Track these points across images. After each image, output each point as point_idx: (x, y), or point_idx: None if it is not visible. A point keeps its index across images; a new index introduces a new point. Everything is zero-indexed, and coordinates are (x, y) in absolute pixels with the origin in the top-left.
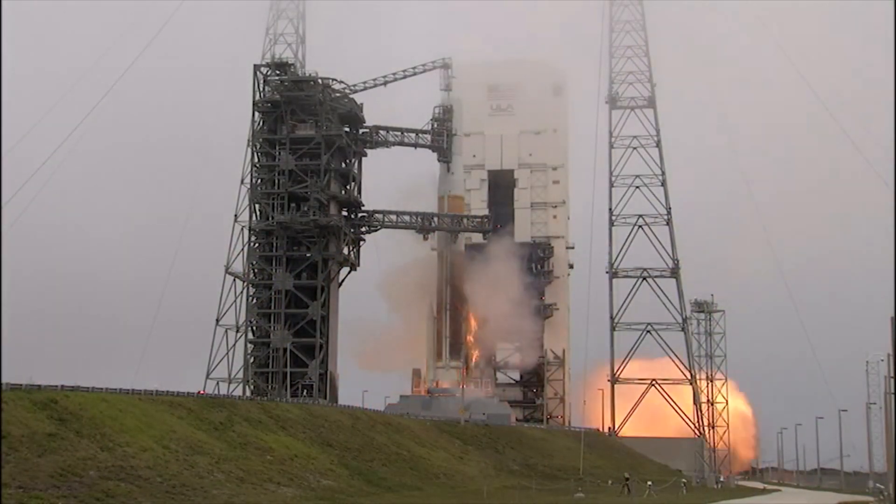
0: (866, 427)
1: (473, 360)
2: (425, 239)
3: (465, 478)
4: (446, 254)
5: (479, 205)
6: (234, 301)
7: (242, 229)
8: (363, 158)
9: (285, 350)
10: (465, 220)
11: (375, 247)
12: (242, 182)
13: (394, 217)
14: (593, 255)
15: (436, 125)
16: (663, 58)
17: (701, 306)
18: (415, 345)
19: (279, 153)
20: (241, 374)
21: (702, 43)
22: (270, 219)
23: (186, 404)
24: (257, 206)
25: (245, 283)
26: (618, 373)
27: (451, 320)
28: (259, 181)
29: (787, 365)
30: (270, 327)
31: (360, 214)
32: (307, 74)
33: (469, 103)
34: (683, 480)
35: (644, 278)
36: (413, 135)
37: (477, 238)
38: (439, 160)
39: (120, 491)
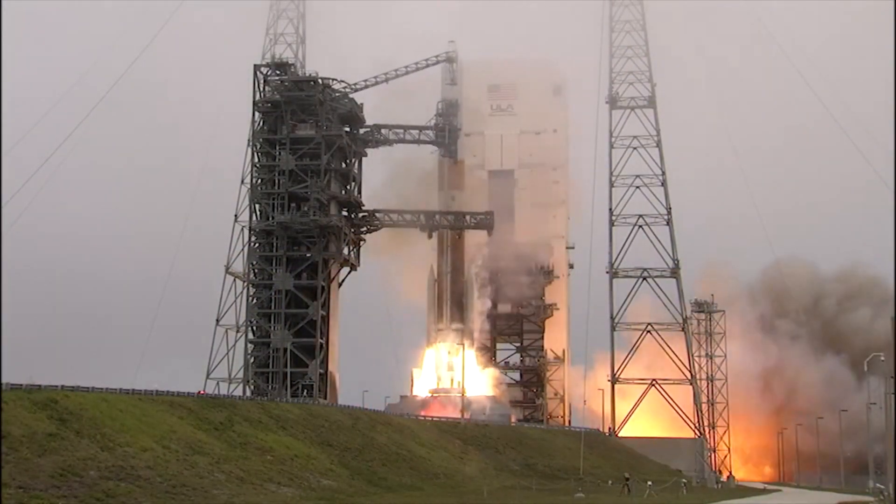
0: (867, 427)
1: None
2: (429, 237)
3: (465, 478)
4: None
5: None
6: (234, 301)
7: (242, 229)
8: (363, 158)
9: (285, 350)
10: (467, 218)
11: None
12: (242, 182)
13: (395, 216)
14: (593, 255)
15: (439, 121)
16: (663, 58)
17: (701, 306)
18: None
19: (279, 153)
20: (241, 375)
21: (702, 43)
22: (270, 219)
23: (186, 404)
24: (257, 206)
25: (245, 283)
26: (618, 373)
27: (451, 283)
28: (259, 181)
29: None
30: (270, 327)
31: (360, 214)
32: (307, 74)
33: (469, 103)
34: (683, 480)
35: (644, 278)
36: (415, 132)
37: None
38: (442, 157)
39: (120, 491)
